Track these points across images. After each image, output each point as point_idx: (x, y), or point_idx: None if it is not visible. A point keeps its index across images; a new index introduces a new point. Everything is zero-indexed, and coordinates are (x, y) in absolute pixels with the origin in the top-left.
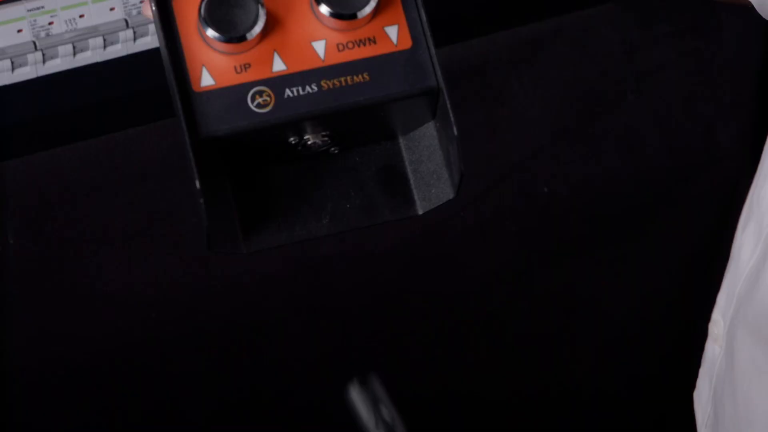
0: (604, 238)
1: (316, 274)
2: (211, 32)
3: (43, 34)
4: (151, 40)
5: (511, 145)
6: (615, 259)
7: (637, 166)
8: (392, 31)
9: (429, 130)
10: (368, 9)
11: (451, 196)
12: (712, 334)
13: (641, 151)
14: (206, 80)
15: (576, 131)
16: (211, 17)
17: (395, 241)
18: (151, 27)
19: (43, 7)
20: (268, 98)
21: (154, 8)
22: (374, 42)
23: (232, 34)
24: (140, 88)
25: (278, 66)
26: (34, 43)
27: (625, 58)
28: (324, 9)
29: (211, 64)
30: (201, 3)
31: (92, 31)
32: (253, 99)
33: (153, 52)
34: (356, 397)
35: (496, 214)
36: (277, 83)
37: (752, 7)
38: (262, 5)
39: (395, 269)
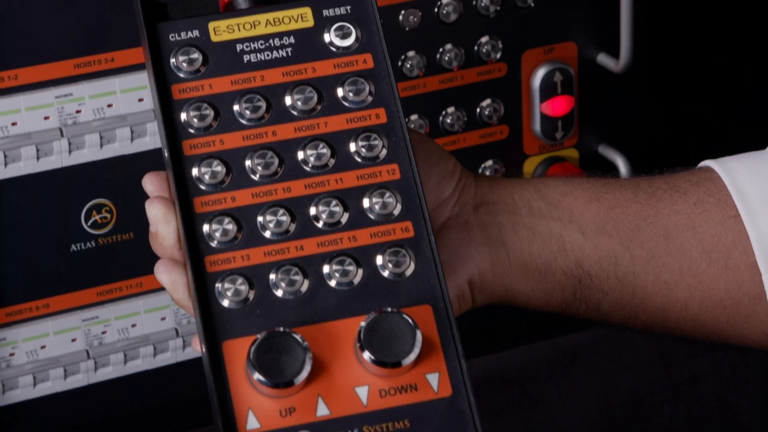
0: None
1: None
2: (258, 377)
3: (96, 342)
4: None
5: None
6: None
7: None
8: (433, 379)
9: None
10: (411, 357)
11: None
12: None
13: None
14: (252, 423)
15: None
16: (259, 362)
17: None
18: None
19: (97, 317)
20: None
21: (204, 350)
22: (415, 389)
23: (279, 380)
24: (188, 395)
25: (322, 411)
26: (87, 351)
27: (661, 369)
28: (368, 356)
29: (257, 407)
30: (250, 347)
31: (143, 340)
32: None
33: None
34: None
35: None
36: (321, 427)
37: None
38: (309, 351)
39: None
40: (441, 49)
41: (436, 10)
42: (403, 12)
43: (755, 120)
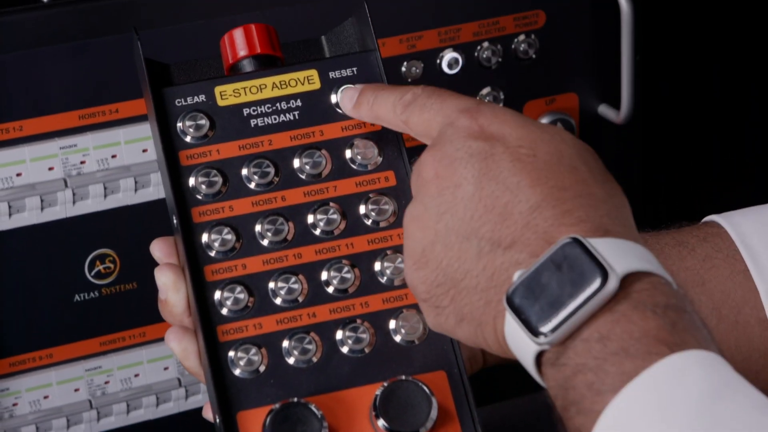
0: None
1: None
2: None
3: (99, 392)
4: (202, 398)
5: None
6: None
7: None
8: None
9: None
10: (428, 425)
11: None
12: None
13: None
14: None
15: None
16: None
17: None
18: (202, 387)
19: (100, 367)
20: None
21: (218, 421)
22: None
23: None
24: None
25: None
26: (90, 401)
27: None
28: (383, 425)
29: None
30: (265, 418)
31: (146, 390)
32: None
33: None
34: None
35: None
36: None
37: None
38: (324, 421)
39: None
40: None
41: (438, 61)
42: (405, 63)
43: (757, 171)
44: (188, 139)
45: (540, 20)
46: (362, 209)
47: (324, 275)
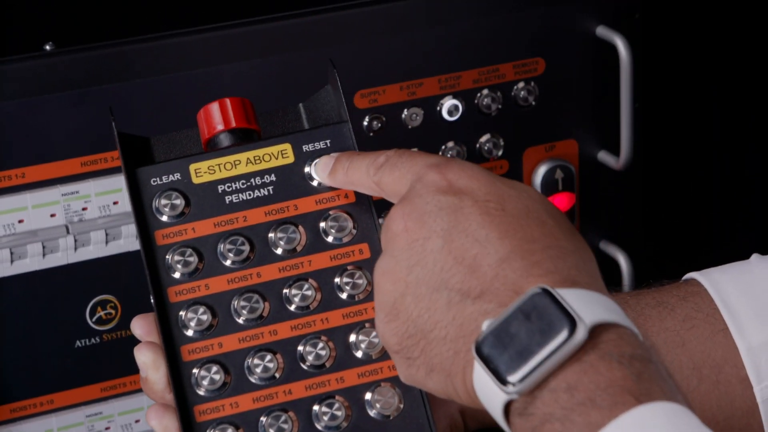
0: None
1: None
2: None
3: None
4: None
5: None
6: None
7: None
8: None
9: None
10: None
11: None
12: None
13: None
14: None
15: None
16: None
17: None
18: None
19: (101, 413)
20: None
21: None
22: None
23: None
24: None
25: None
26: None
27: None
28: None
29: None
30: None
31: None
32: None
33: None
34: None
35: None
36: None
37: None
38: None
39: None
40: (443, 147)
41: (438, 108)
42: (405, 110)
43: (758, 217)
44: (164, 218)
45: (540, 68)
46: (337, 283)
47: (299, 351)
